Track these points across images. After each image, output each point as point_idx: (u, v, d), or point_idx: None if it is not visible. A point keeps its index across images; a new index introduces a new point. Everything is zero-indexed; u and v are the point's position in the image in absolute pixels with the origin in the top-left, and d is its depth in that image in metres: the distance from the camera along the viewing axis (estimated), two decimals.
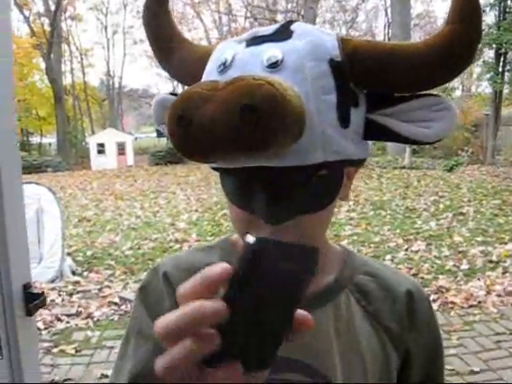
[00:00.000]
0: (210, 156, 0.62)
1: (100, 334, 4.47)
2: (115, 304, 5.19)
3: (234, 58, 0.66)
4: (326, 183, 0.70)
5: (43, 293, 1.58)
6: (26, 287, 1.54)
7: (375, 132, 0.71)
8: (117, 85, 44.33)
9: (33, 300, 1.52)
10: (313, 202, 0.70)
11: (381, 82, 0.68)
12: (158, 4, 0.80)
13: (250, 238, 0.44)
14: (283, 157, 0.62)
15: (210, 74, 0.69)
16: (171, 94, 0.78)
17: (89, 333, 4.49)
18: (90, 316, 4.90)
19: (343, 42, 0.69)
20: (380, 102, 0.70)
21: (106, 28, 42.18)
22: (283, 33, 0.68)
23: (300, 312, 0.46)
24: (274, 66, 0.63)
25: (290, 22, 0.71)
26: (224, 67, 0.66)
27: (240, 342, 0.44)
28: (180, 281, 0.82)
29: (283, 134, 0.57)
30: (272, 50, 0.64)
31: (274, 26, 0.71)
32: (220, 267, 0.43)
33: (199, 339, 0.42)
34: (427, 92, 0.69)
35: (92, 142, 28.39)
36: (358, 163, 0.74)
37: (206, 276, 0.44)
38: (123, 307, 5.10)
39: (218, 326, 0.43)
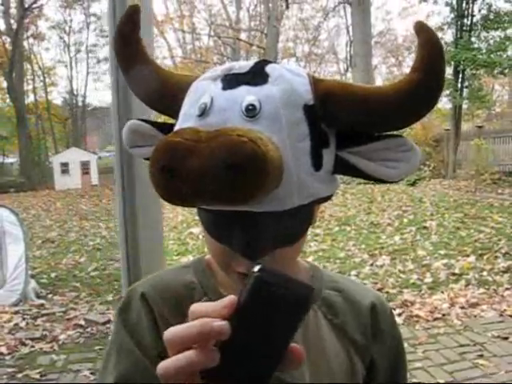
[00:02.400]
0: (192, 203, 0.66)
1: (66, 358, 4.39)
2: (81, 326, 5.11)
3: (212, 103, 0.68)
4: (299, 220, 0.74)
5: None
6: None
7: (343, 168, 0.74)
8: (80, 103, 43.84)
9: None
10: (288, 236, 0.74)
11: (350, 123, 0.71)
12: (129, 28, 0.81)
13: (257, 269, 0.48)
14: (261, 203, 0.64)
15: (188, 117, 0.70)
16: (143, 120, 0.81)
17: (54, 356, 4.40)
18: (55, 339, 4.80)
19: (315, 83, 0.71)
20: (348, 141, 0.73)
21: (68, 46, 41.79)
22: (259, 75, 0.70)
23: (294, 345, 0.50)
24: (252, 114, 0.66)
25: (265, 63, 0.73)
26: (203, 112, 0.68)
27: (235, 364, 0.48)
28: (157, 300, 0.86)
29: (264, 188, 0.61)
30: (249, 97, 0.67)
31: (248, 64, 0.73)
32: (228, 300, 0.49)
33: (202, 353, 0.47)
34: (393, 133, 0.72)
35: (55, 162, 27.97)
36: (329, 198, 0.77)
37: (216, 305, 0.49)
38: (89, 329, 5.02)
39: (219, 346, 0.47)
